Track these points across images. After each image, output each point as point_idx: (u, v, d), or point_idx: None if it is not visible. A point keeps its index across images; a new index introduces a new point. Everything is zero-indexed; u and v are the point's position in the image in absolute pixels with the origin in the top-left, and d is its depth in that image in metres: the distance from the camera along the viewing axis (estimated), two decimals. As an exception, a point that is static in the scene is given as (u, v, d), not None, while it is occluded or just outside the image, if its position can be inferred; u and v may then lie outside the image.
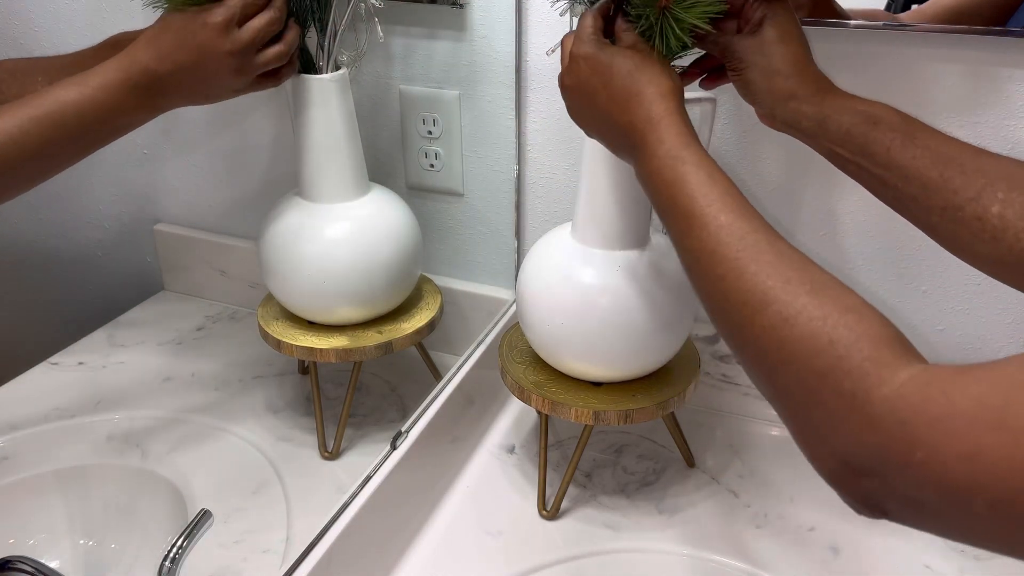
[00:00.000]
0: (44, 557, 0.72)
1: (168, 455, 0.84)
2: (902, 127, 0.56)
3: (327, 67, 0.76)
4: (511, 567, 0.72)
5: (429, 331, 0.86)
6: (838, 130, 0.58)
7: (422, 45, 0.88)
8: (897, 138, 0.56)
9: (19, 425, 0.86)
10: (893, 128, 0.56)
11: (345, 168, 0.79)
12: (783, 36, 0.60)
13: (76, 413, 0.89)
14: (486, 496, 0.81)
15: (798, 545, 0.75)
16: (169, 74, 0.65)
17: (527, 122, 0.89)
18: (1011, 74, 0.71)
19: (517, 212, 0.93)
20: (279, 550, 0.73)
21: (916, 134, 0.56)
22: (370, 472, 0.70)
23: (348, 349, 0.81)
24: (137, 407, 0.90)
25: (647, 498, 0.81)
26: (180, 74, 0.66)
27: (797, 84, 0.60)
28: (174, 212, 1.07)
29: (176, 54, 0.65)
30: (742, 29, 0.61)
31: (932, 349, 0.84)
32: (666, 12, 0.56)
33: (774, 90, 0.60)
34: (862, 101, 0.59)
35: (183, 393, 0.93)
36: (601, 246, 0.70)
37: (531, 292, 0.73)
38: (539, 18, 0.83)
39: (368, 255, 0.79)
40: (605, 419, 0.73)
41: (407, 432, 0.75)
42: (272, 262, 0.80)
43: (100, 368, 0.97)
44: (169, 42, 0.65)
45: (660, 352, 0.73)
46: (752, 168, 0.82)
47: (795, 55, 0.60)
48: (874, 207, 0.80)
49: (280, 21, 0.68)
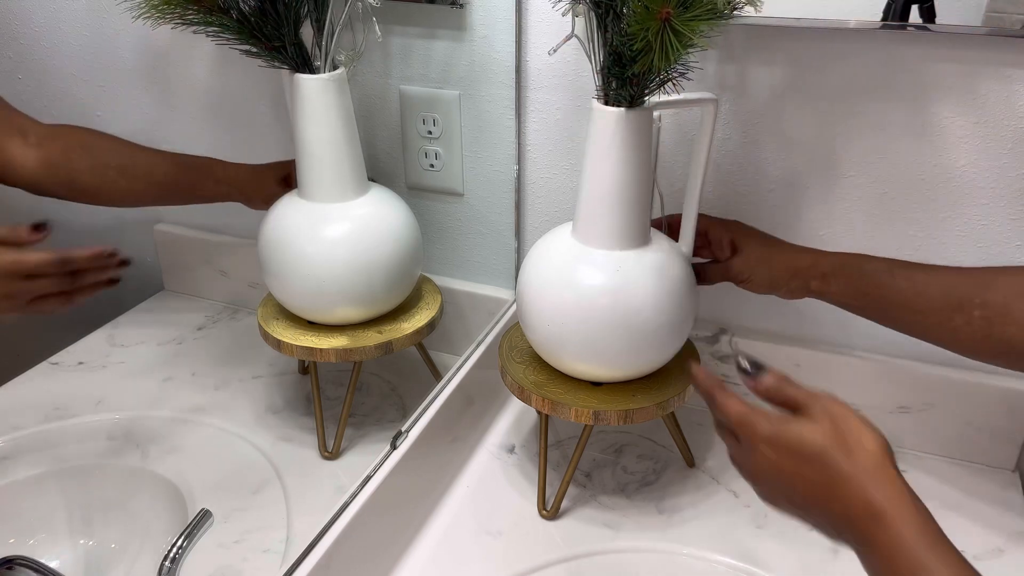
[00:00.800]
0: (44, 557, 0.72)
1: (168, 455, 0.84)
2: (882, 265, 0.69)
3: (324, 67, 0.76)
4: (511, 567, 0.72)
5: (429, 331, 0.86)
6: (836, 279, 0.70)
7: (421, 45, 0.87)
8: (883, 274, 0.68)
9: (19, 425, 0.86)
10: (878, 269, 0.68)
11: (344, 168, 0.79)
12: (754, 241, 0.75)
13: (76, 413, 0.89)
14: (486, 496, 0.81)
15: (798, 545, 0.75)
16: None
17: (527, 122, 0.89)
18: (1011, 74, 0.71)
19: (517, 212, 0.93)
20: (279, 550, 0.73)
21: (895, 271, 0.67)
22: (370, 472, 0.70)
23: (348, 349, 0.81)
24: (137, 407, 0.90)
25: (647, 498, 0.81)
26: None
27: (791, 267, 0.72)
28: (174, 212, 1.07)
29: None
30: (721, 256, 0.76)
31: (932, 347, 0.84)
32: (667, 25, 0.56)
33: (777, 282, 0.73)
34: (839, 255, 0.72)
35: (183, 393, 0.93)
36: (601, 246, 0.70)
37: (531, 292, 0.73)
38: (539, 18, 0.83)
39: (368, 255, 0.79)
40: (605, 419, 0.73)
41: (407, 432, 0.75)
42: (272, 262, 0.80)
43: (100, 368, 0.97)
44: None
45: (660, 352, 0.73)
46: (752, 168, 0.82)
47: (770, 248, 0.74)
48: (873, 208, 0.80)
49: (59, 269, 0.65)
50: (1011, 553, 0.74)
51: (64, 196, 0.81)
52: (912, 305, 0.66)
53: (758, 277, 0.74)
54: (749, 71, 0.78)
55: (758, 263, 0.74)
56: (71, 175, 0.80)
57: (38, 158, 0.77)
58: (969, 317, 0.62)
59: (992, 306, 0.61)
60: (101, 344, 1.01)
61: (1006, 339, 0.60)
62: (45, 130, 0.79)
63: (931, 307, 0.64)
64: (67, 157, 0.80)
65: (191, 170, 0.91)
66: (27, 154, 0.77)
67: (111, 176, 0.84)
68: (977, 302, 0.61)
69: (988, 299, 0.61)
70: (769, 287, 0.75)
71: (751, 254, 0.75)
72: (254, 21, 0.70)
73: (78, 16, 0.94)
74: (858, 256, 0.71)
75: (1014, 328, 0.60)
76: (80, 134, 0.84)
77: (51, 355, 0.97)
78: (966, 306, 0.62)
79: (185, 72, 0.94)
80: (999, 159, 0.74)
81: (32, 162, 0.77)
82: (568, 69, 0.84)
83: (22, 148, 0.77)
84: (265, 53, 0.73)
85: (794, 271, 0.73)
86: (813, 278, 0.72)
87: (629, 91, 0.65)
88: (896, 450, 0.87)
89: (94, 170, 0.82)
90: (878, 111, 0.76)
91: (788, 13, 0.73)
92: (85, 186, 0.82)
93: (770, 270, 0.74)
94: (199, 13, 0.68)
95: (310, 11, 0.74)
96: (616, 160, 0.67)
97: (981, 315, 0.61)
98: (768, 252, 0.74)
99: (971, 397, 0.82)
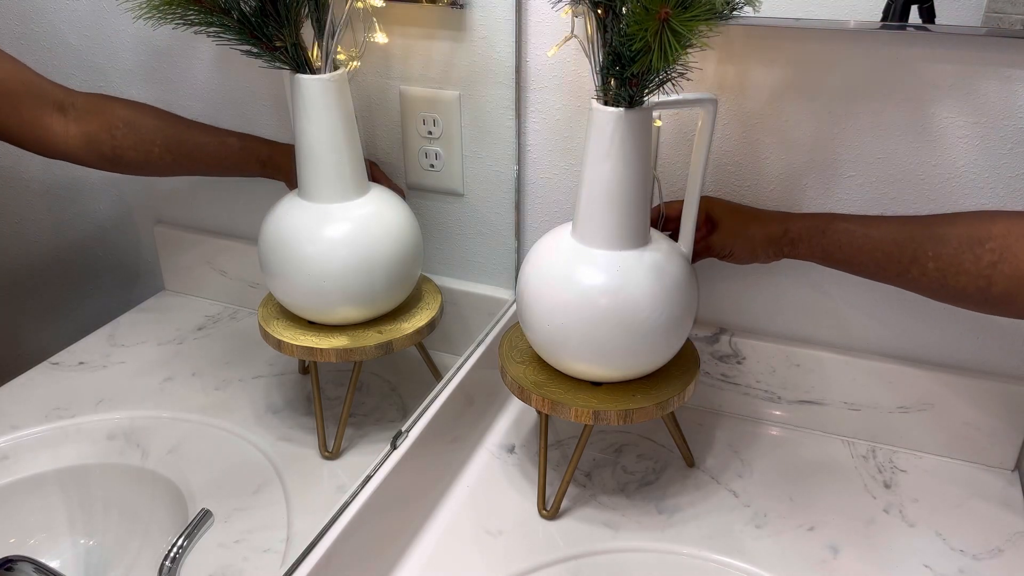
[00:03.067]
0: (44, 557, 0.72)
1: (168, 455, 0.84)
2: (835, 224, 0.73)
3: (325, 67, 0.76)
4: (511, 567, 0.72)
5: (429, 331, 0.86)
6: (803, 243, 0.75)
7: (422, 46, 0.88)
8: (842, 235, 0.72)
9: (19, 425, 0.86)
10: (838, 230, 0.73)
11: (344, 168, 0.79)
12: (728, 214, 0.78)
13: (76, 413, 0.89)
14: (486, 496, 0.81)
15: (798, 545, 0.75)
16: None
17: (527, 122, 0.89)
18: (1011, 74, 0.71)
19: (517, 212, 0.94)
20: (279, 550, 0.73)
21: (854, 229, 0.72)
22: (370, 472, 0.70)
23: (348, 349, 0.81)
24: (137, 407, 0.90)
25: (647, 498, 0.81)
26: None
27: (766, 236, 0.76)
28: (174, 212, 1.07)
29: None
30: (699, 235, 0.78)
31: (930, 340, 0.84)
32: (665, 25, 0.56)
33: (756, 252, 0.78)
34: (810, 216, 0.76)
35: (183, 393, 0.93)
36: (601, 246, 0.70)
37: (531, 292, 0.73)
38: (539, 18, 0.83)
39: (368, 255, 0.79)
40: (605, 419, 0.73)
41: (407, 432, 0.75)
42: (272, 262, 0.80)
43: (100, 368, 0.97)
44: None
45: (660, 352, 0.73)
46: (752, 168, 0.82)
47: (745, 219, 0.78)
48: (872, 207, 0.80)
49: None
50: (1011, 553, 0.74)
51: (108, 169, 0.81)
52: (872, 261, 0.71)
53: (738, 250, 0.78)
54: (749, 71, 0.78)
55: (736, 237, 0.78)
56: (115, 151, 0.80)
57: (80, 134, 0.77)
58: (924, 269, 0.67)
59: (944, 258, 0.65)
60: (101, 344, 1.01)
61: (959, 287, 0.65)
62: (84, 101, 0.78)
63: (889, 260, 0.69)
64: (110, 134, 0.80)
65: (236, 149, 0.91)
66: (68, 129, 0.76)
67: (156, 152, 0.84)
68: (931, 254, 0.66)
69: (940, 252, 0.66)
70: (750, 257, 0.78)
71: (728, 228, 0.78)
72: (255, 22, 0.70)
73: (78, 16, 0.94)
74: (823, 217, 0.75)
75: (965, 278, 0.64)
76: (122, 109, 0.83)
77: (51, 355, 0.97)
78: (920, 259, 0.67)
79: (185, 72, 0.94)
80: (999, 159, 0.74)
81: (74, 138, 0.77)
82: (568, 69, 0.85)
83: (63, 123, 0.76)
84: (266, 53, 0.73)
85: (768, 239, 0.77)
86: (785, 244, 0.76)
87: (628, 91, 0.65)
88: (896, 450, 0.88)
89: (139, 146, 0.82)
90: (878, 111, 0.76)
91: (788, 13, 0.73)
92: (130, 160, 0.82)
93: (748, 242, 0.77)
94: (200, 13, 0.68)
95: (311, 11, 0.74)
96: (616, 160, 0.67)
97: (935, 267, 0.66)
98: (743, 224, 0.78)
99: (971, 397, 0.82)
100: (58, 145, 0.76)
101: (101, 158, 0.79)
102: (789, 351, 0.87)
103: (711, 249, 0.79)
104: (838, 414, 0.88)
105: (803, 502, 0.80)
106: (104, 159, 0.80)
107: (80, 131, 0.77)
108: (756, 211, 0.80)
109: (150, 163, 0.84)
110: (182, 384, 0.95)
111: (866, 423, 0.87)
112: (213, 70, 0.94)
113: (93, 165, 0.79)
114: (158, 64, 0.94)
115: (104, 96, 0.82)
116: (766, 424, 0.91)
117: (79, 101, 0.78)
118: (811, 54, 0.76)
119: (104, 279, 1.11)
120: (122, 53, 0.93)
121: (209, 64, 0.93)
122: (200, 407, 0.91)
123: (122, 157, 0.81)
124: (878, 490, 0.81)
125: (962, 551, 0.74)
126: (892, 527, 0.77)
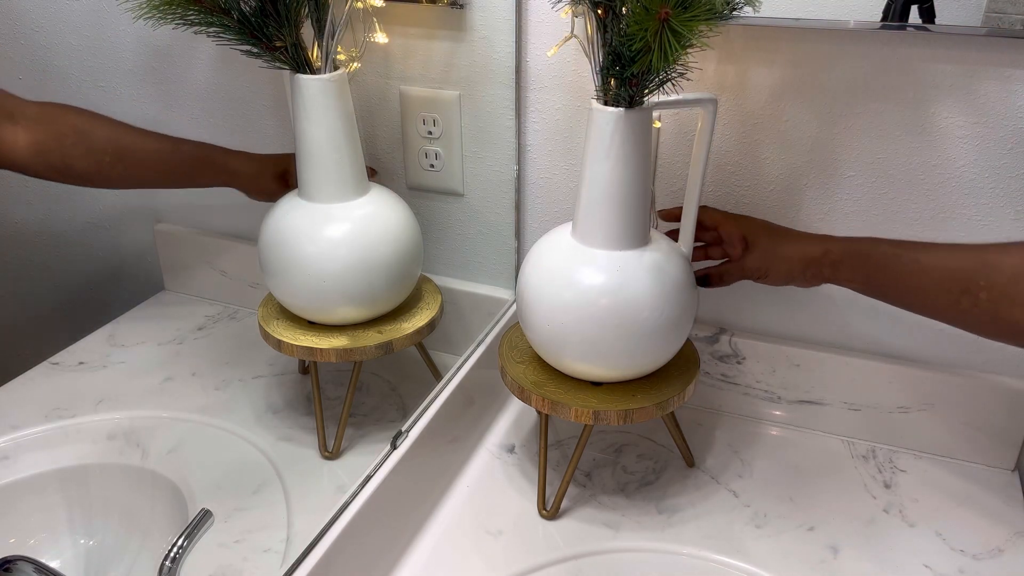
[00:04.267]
0: (44, 557, 0.72)
1: (168, 455, 0.84)
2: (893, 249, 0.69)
3: (325, 67, 0.76)
4: (511, 567, 0.72)
5: (429, 331, 0.86)
6: (844, 266, 0.71)
7: (422, 45, 0.88)
8: (889, 259, 0.69)
9: (19, 425, 0.86)
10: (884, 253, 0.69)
11: (344, 168, 0.79)
12: (765, 234, 0.75)
13: (76, 413, 0.89)
14: (486, 496, 0.81)
15: (798, 545, 0.75)
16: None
17: (527, 122, 0.89)
18: (1010, 74, 0.71)
19: (517, 212, 0.94)
20: (279, 550, 0.73)
21: (902, 255, 0.68)
22: (370, 472, 0.70)
23: (348, 349, 0.81)
24: (137, 407, 0.90)
25: (647, 498, 0.81)
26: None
27: (803, 257, 0.73)
28: (174, 212, 1.07)
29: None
30: (734, 254, 0.75)
31: (930, 340, 0.84)
32: (665, 25, 0.56)
33: (793, 274, 0.74)
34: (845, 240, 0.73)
35: (183, 393, 0.93)
36: (601, 246, 0.70)
37: (531, 292, 0.73)
38: (539, 18, 0.83)
39: (368, 255, 0.79)
40: (605, 419, 0.73)
41: (407, 432, 0.75)
42: (272, 262, 0.80)
43: (100, 368, 0.97)
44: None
45: (660, 352, 0.73)
46: (752, 168, 0.82)
47: (782, 241, 0.74)
48: (872, 207, 0.80)
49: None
50: (1011, 553, 0.74)
51: (58, 179, 0.78)
52: (919, 289, 0.66)
53: (775, 272, 0.74)
54: (749, 71, 0.78)
55: (772, 258, 0.74)
56: (65, 160, 0.78)
57: (29, 142, 0.75)
58: (975, 299, 0.62)
59: (997, 288, 0.60)
60: (101, 344, 1.01)
61: (1013, 321, 0.60)
62: (35, 111, 0.77)
63: (938, 290, 0.64)
64: (60, 142, 0.78)
65: (190, 157, 0.89)
66: (17, 137, 0.75)
67: (107, 161, 0.81)
68: (983, 284, 0.61)
69: (993, 281, 0.61)
70: (786, 279, 0.75)
71: (764, 249, 0.74)
72: (255, 22, 0.70)
73: (78, 16, 0.94)
74: (867, 240, 0.71)
75: (1020, 310, 0.59)
76: (74, 117, 0.81)
77: (51, 355, 0.97)
78: (972, 288, 0.62)
79: (185, 72, 0.94)
80: (999, 159, 0.74)
81: (23, 146, 0.75)
82: (568, 69, 0.85)
83: (12, 132, 0.74)
84: (266, 53, 0.73)
85: (807, 261, 0.73)
86: (825, 266, 0.72)
87: (628, 91, 0.65)
88: (896, 450, 0.88)
89: (89, 155, 0.79)
90: (878, 111, 0.76)
91: (787, 13, 0.73)
92: (80, 171, 0.80)
93: (785, 263, 0.73)
94: (200, 13, 0.68)
95: (311, 11, 0.74)
96: (616, 160, 0.67)
97: (987, 297, 0.61)
98: (780, 245, 0.74)
99: (971, 397, 0.82)
100: (7, 154, 0.74)
101: (50, 168, 0.77)
102: (789, 351, 0.87)
103: (745, 271, 0.76)
104: (838, 414, 0.88)
105: (803, 502, 0.80)
106: (53, 169, 0.78)
107: (29, 140, 0.75)
108: (793, 231, 0.76)
109: (101, 173, 0.82)
110: (182, 384, 0.95)
111: (866, 423, 0.87)
112: (213, 70, 0.94)
113: (43, 176, 0.77)
114: (158, 64, 0.94)
115: (57, 105, 0.80)
116: (766, 424, 0.91)
117: (30, 110, 0.76)
118: (811, 54, 0.76)
119: (104, 279, 1.11)
120: (122, 53, 0.93)
121: (209, 64, 0.93)
122: (200, 407, 0.91)
123: (72, 167, 0.79)
124: (878, 490, 0.81)
125: (962, 551, 0.74)
126: (892, 527, 0.77)
